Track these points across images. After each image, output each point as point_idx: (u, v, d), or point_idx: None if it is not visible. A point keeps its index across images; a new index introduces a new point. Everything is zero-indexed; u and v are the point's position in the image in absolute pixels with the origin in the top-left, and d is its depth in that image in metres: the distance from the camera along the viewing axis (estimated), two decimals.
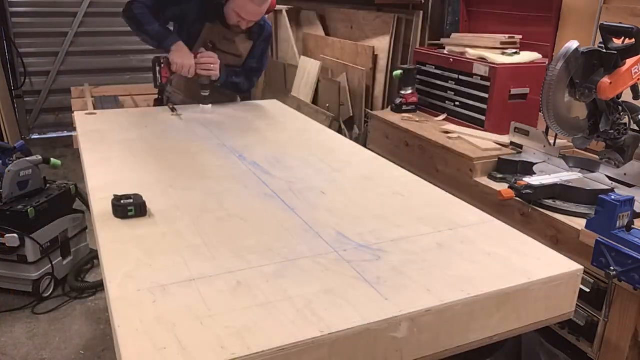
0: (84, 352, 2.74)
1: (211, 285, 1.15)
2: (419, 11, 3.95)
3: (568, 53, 2.03)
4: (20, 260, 3.00)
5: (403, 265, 1.25)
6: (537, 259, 1.32)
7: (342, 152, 2.08)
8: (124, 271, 1.20)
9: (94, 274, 3.41)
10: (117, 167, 1.84)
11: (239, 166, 1.89)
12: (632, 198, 1.62)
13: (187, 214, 1.49)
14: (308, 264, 1.25)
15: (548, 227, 1.91)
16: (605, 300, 1.75)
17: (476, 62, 2.72)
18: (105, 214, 1.46)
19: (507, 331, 1.24)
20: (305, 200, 1.61)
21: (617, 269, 1.58)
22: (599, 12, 2.49)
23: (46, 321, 2.96)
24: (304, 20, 5.43)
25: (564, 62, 2.03)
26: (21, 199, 3.01)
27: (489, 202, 2.12)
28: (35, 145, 5.50)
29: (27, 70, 6.01)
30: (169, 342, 0.97)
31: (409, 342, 1.09)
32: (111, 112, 2.63)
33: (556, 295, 1.27)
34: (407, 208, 1.59)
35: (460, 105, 2.88)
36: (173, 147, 2.07)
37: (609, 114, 2.12)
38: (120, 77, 6.36)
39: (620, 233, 1.59)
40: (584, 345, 1.86)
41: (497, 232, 1.46)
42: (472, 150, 2.43)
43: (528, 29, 2.96)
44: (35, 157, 3.15)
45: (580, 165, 2.24)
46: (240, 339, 0.98)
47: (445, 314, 1.12)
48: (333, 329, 1.01)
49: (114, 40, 6.29)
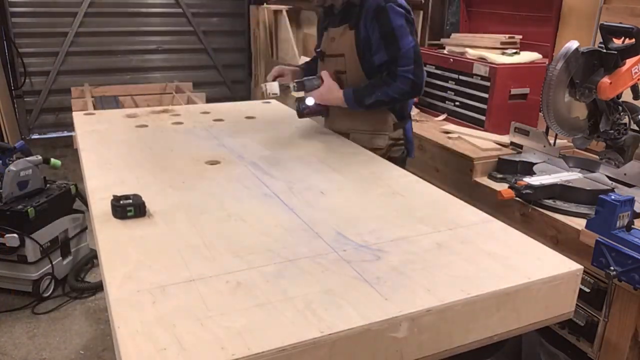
0: (84, 352, 2.74)
1: (211, 285, 1.15)
2: (419, 11, 3.95)
3: (568, 53, 2.03)
4: (20, 260, 3.00)
5: (403, 265, 1.25)
6: (537, 258, 1.31)
7: (342, 152, 2.08)
8: (124, 272, 1.19)
9: (94, 274, 3.41)
10: (116, 167, 1.84)
11: (239, 166, 1.89)
12: (632, 198, 1.62)
13: (187, 215, 1.49)
14: (308, 264, 1.25)
15: (548, 227, 1.91)
16: (605, 300, 1.75)
17: (476, 62, 2.72)
18: (105, 214, 1.46)
19: (507, 331, 1.24)
20: (305, 200, 1.61)
21: (617, 269, 1.58)
22: (599, 12, 2.48)
23: (46, 321, 2.96)
24: (304, 20, 5.43)
25: (564, 62, 2.03)
26: (21, 199, 3.01)
27: (489, 202, 2.12)
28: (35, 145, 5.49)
29: (27, 70, 6.00)
30: (169, 343, 0.97)
31: (409, 342, 1.09)
32: (110, 112, 2.63)
33: (556, 295, 1.27)
34: (407, 208, 1.59)
35: (460, 105, 2.88)
36: (172, 148, 2.07)
37: (609, 114, 2.12)
38: (120, 77, 6.36)
39: (620, 233, 1.59)
40: (584, 345, 1.86)
41: (497, 232, 1.46)
42: (472, 150, 2.43)
43: (528, 29, 2.96)
44: (35, 157, 3.15)
45: (580, 165, 2.24)
46: (240, 339, 0.98)
47: (445, 314, 1.12)
48: (333, 329, 1.01)
49: (114, 40, 6.29)
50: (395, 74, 2.01)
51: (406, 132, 2.26)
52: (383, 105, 2.11)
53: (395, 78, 2.01)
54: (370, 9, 1.99)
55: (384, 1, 1.98)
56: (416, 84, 2.02)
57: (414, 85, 2.02)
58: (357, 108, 2.11)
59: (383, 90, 2.03)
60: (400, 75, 2.00)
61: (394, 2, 1.99)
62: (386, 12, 1.97)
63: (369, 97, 2.06)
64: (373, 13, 1.99)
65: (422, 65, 2.04)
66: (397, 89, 2.02)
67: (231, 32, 6.88)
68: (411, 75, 2.00)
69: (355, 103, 2.10)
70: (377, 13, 1.98)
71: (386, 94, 2.03)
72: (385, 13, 1.98)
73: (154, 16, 6.45)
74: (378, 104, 2.07)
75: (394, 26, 1.98)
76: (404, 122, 2.25)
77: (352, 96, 2.09)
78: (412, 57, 2.00)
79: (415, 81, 2.01)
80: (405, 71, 2.00)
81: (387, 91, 2.02)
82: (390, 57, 2.02)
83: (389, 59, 2.02)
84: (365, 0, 2.02)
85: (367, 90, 2.08)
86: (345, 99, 2.11)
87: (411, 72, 2.00)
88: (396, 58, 2.00)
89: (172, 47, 6.56)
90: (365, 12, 2.01)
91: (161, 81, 6.21)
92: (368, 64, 2.10)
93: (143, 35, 6.40)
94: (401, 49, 1.99)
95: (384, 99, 2.04)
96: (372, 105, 2.08)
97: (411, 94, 2.08)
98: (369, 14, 2.00)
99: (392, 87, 2.02)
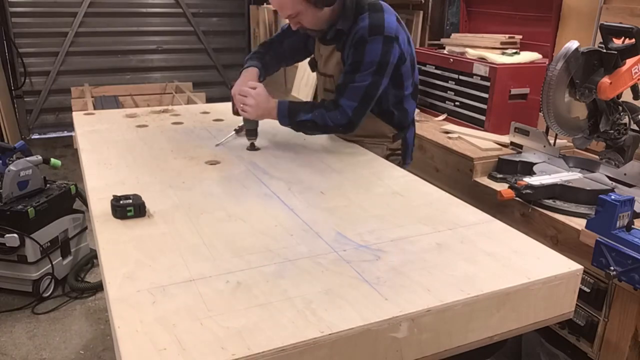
0: (84, 352, 2.74)
1: (211, 285, 1.15)
2: (419, 11, 3.95)
3: (568, 53, 2.03)
4: (20, 260, 3.00)
5: (403, 265, 1.25)
6: (537, 258, 1.31)
7: (342, 152, 2.08)
8: (124, 272, 1.19)
9: (94, 274, 3.41)
10: (116, 167, 1.84)
11: (238, 166, 1.89)
12: (632, 198, 1.62)
13: (187, 214, 1.49)
14: (308, 264, 1.25)
15: (548, 227, 1.91)
16: (605, 300, 1.76)
17: (476, 62, 2.72)
18: (104, 214, 1.46)
19: (507, 331, 1.24)
20: (305, 200, 1.61)
21: (617, 269, 1.58)
22: (599, 12, 2.48)
23: (46, 321, 2.96)
24: None
25: (564, 62, 2.03)
26: (21, 199, 3.01)
27: (489, 202, 2.12)
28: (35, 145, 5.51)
29: (27, 70, 6.01)
30: (169, 343, 0.97)
31: (409, 342, 1.09)
32: (110, 112, 2.63)
33: (556, 295, 1.27)
34: (407, 208, 1.59)
35: (460, 105, 2.89)
36: (172, 148, 2.07)
37: (609, 114, 2.12)
38: (120, 77, 6.37)
39: (620, 233, 1.59)
40: (584, 345, 1.86)
41: (497, 232, 1.46)
42: (472, 150, 2.43)
43: (528, 29, 2.96)
44: (35, 157, 3.16)
45: (580, 165, 2.24)
46: (240, 339, 0.98)
47: (445, 314, 1.12)
48: (333, 329, 1.01)
49: (114, 40, 6.30)
50: (338, 104, 1.94)
51: (406, 139, 2.19)
52: (313, 129, 2.01)
53: (337, 107, 1.94)
54: (356, 36, 1.93)
55: (370, 32, 1.90)
56: (352, 122, 1.96)
57: (350, 123, 1.95)
58: (286, 122, 1.99)
59: (321, 113, 1.95)
60: (342, 107, 1.94)
61: (380, 34, 1.90)
62: (365, 44, 1.90)
63: (305, 114, 1.96)
64: (356, 42, 1.93)
65: (366, 108, 1.97)
66: (334, 118, 1.94)
67: (231, 32, 6.88)
68: (350, 112, 1.93)
69: (288, 116, 1.98)
70: (358, 42, 1.92)
71: (322, 118, 1.94)
72: (364, 45, 1.91)
73: (154, 16, 6.46)
74: (310, 125, 1.98)
75: (363, 60, 1.91)
76: (404, 132, 2.19)
77: (287, 107, 1.98)
78: (360, 95, 1.93)
79: (352, 120, 1.95)
80: (348, 105, 1.93)
81: (325, 116, 1.94)
82: (342, 83, 1.96)
83: (341, 85, 1.96)
84: (354, 27, 1.94)
85: (306, 107, 1.99)
86: (279, 109, 1.98)
87: (352, 109, 1.93)
88: (346, 87, 1.94)
89: (172, 47, 6.57)
90: (351, 38, 1.95)
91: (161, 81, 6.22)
92: None
93: (143, 35, 6.41)
94: (355, 81, 1.92)
95: (319, 122, 1.95)
96: (303, 124, 1.98)
97: (343, 130, 2.00)
98: (353, 41, 1.94)
99: (330, 114, 1.94)
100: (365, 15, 1.92)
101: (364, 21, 1.91)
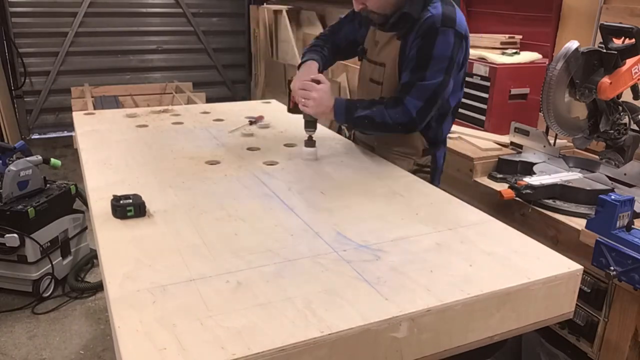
0: (84, 352, 2.74)
1: (211, 285, 1.15)
2: None
3: (568, 53, 2.03)
4: (20, 260, 3.00)
5: (403, 265, 1.25)
6: (536, 258, 1.31)
7: (342, 152, 2.08)
8: (124, 272, 1.19)
9: (94, 274, 3.41)
10: (116, 167, 1.84)
11: (238, 166, 1.89)
12: (632, 198, 1.62)
13: (187, 214, 1.49)
14: (308, 264, 1.25)
15: (548, 227, 1.91)
16: (605, 300, 1.75)
17: (476, 62, 2.72)
18: (105, 214, 1.46)
19: (507, 331, 1.24)
20: (305, 200, 1.61)
21: (617, 269, 1.58)
22: (599, 12, 2.48)
23: (46, 321, 2.96)
24: (304, 20, 5.43)
25: (564, 62, 2.03)
26: (21, 199, 3.01)
27: (489, 202, 2.12)
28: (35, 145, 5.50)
29: (27, 70, 6.01)
30: (169, 343, 0.97)
31: (409, 342, 1.09)
32: (110, 112, 2.63)
33: (556, 295, 1.27)
34: (407, 208, 1.59)
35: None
36: (172, 147, 2.07)
37: (609, 114, 2.12)
38: (120, 77, 6.37)
39: (620, 233, 1.59)
40: (584, 345, 1.86)
41: (497, 232, 1.46)
42: (472, 150, 2.43)
43: (528, 29, 2.96)
44: (35, 157, 3.16)
45: (580, 165, 2.24)
46: (240, 339, 0.98)
47: (445, 314, 1.12)
48: (333, 329, 1.01)
49: (114, 40, 6.29)
50: (402, 101, 1.80)
51: (437, 159, 2.02)
52: (371, 126, 1.87)
53: (399, 105, 1.80)
54: (424, 25, 1.77)
55: (442, 23, 1.75)
56: (415, 122, 1.82)
57: (412, 122, 1.82)
58: (342, 119, 1.88)
59: (379, 110, 1.82)
60: (404, 105, 1.79)
61: (452, 27, 1.76)
62: (436, 35, 1.75)
63: (363, 110, 1.83)
64: (424, 30, 1.77)
65: (431, 109, 1.83)
66: (394, 116, 1.80)
67: (231, 32, 6.88)
68: (414, 112, 1.79)
69: (345, 113, 1.86)
70: (428, 32, 1.76)
71: (381, 115, 1.81)
72: (434, 36, 1.75)
73: (154, 16, 6.46)
74: (367, 122, 1.84)
75: (434, 53, 1.76)
76: (436, 149, 2.01)
77: (344, 105, 1.87)
78: (428, 95, 1.79)
79: (415, 119, 1.81)
80: (413, 105, 1.79)
81: (384, 113, 1.81)
82: (410, 80, 1.80)
83: (408, 82, 1.81)
84: (424, 14, 1.78)
85: (364, 103, 1.86)
86: (336, 107, 1.86)
87: (416, 109, 1.79)
88: (413, 85, 1.79)
89: (172, 47, 6.57)
90: (418, 26, 1.79)
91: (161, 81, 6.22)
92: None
93: (143, 35, 6.41)
94: (425, 79, 1.77)
95: (377, 118, 1.82)
96: (360, 121, 1.85)
97: (402, 129, 1.86)
98: (421, 30, 1.78)
99: (390, 112, 1.80)
100: (437, 5, 1.78)
101: (437, 9, 1.77)
